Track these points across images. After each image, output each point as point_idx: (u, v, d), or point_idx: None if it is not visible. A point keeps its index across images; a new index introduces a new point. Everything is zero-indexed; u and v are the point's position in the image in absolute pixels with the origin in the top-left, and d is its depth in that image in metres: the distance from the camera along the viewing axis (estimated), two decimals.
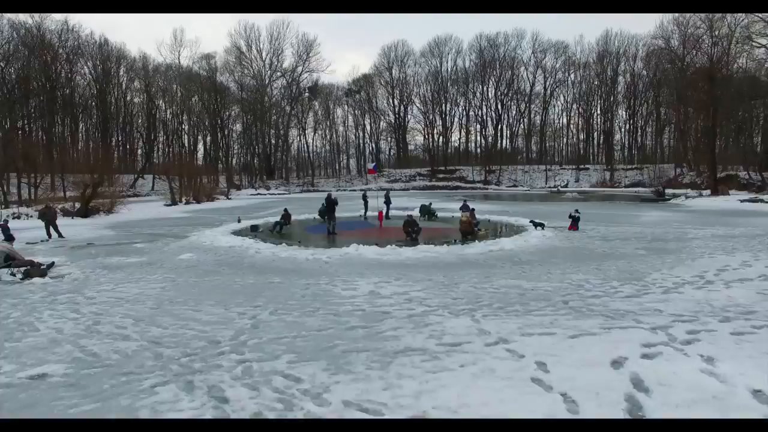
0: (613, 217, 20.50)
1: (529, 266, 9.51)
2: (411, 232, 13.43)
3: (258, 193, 53.94)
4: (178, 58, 57.15)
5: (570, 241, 13.08)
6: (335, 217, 16.44)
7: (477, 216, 18.13)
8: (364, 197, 22.29)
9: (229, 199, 44.06)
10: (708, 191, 33.42)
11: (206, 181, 45.09)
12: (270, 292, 7.48)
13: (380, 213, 17.97)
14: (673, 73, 57.98)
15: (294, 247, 12.20)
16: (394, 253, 10.82)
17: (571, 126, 75.64)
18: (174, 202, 33.67)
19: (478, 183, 67.08)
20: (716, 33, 46.96)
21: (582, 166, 67.92)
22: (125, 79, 63.03)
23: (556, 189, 57.32)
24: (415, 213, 20.43)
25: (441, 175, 69.33)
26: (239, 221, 18.93)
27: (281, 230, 17.72)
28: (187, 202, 35.18)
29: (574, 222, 15.79)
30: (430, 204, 21.81)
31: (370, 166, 20.36)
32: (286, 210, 19.26)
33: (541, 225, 15.13)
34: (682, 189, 41.44)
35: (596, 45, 68.72)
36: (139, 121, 65.91)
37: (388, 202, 20.98)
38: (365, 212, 21.92)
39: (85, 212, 23.72)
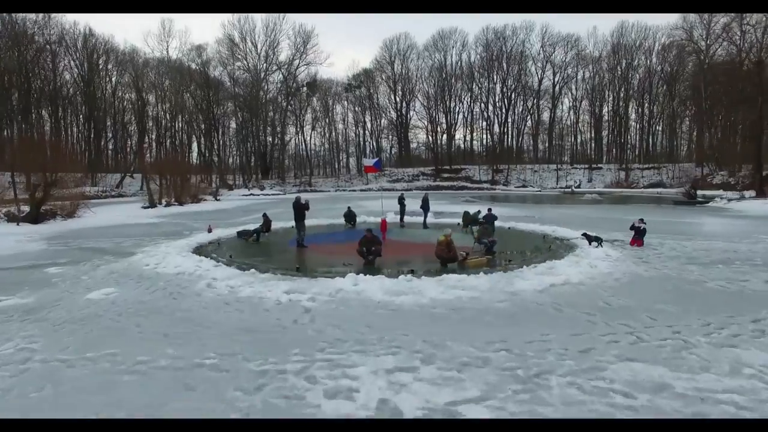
0: (669, 226, 16.86)
1: (629, 317, 5.91)
2: (368, 253, 10.04)
3: (251, 194, 50.33)
4: (167, 49, 53.57)
5: (652, 265, 9.46)
6: (304, 226, 13.39)
7: (497, 223, 14.96)
8: (401, 200, 18.75)
9: (218, 200, 40.46)
10: (750, 192, 29.79)
11: (198, 181, 41.43)
12: (178, 404, 3.85)
13: (383, 222, 14.23)
14: (695, 66, 54.54)
15: (265, 277, 8.58)
16: (411, 291, 7.21)
17: (581, 123, 72.04)
18: (152, 204, 30.07)
19: (485, 183, 63.48)
20: (746, 21, 43.40)
21: (594, 166, 64.31)
22: (115, 73, 59.48)
23: (569, 190, 53.70)
24: (442, 222, 16.92)
25: (446, 175, 65.71)
26: (210, 231, 15.31)
27: (258, 239, 14.45)
28: (168, 204, 31.57)
29: (639, 235, 12.17)
30: (478, 213, 16.51)
31: (369, 162, 16.25)
32: (265, 215, 15.75)
33: (598, 240, 11.51)
34: (713, 190, 37.84)
35: (610, 37, 65.18)
36: (129, 116, 62.32)
37: (426, 208, 17.38)
38: (401, 218, 18.49)
39: (35, 217, 20.09)
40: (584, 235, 11.88)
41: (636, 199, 37.49)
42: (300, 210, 13.28)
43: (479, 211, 16.50)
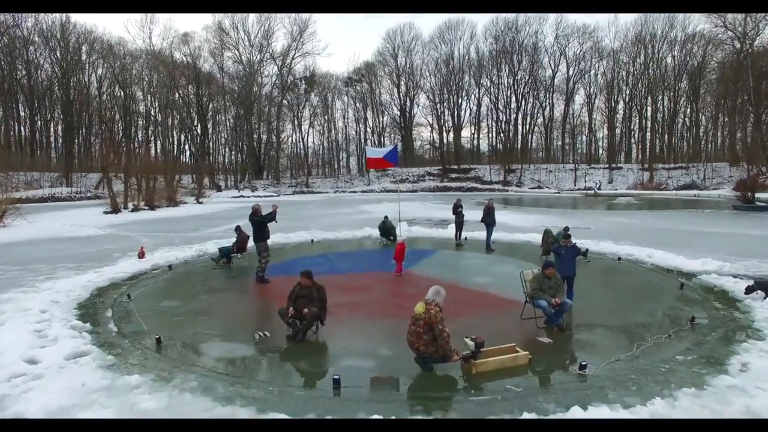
0: None
1: None
2: (291, 319, 5.75)
3: (240, 196, 45.65)
4: (149, 36, 48.77)
5: None
6: (267, 247, 9.04)
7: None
8: (456, 208, 13.71)
9: (200, 203, 35.74)
10: None
11: (176, 181, 36.78)
12: None
13: (399, 247, 9.25)
14: (730, 54, 49.83)
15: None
16: None
17: (598, 120, 67.25)
18: (115, 209, 25.35)
19: (497, 184, 58.71)
20: None
21: (614, 165, 59.52)
22: (100, 66, 54.70)
23: (592, 192, 48.90)
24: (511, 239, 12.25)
25: (454, 175, 60.97)
26: (141, 256, 10.39)
27: (230, 261, 10.39)
28: (136, 209, 26.87)
29: None
30: (567, 230, 10.35)
31: (378, 153, 10.16)
32: (239, 230, 11.03)
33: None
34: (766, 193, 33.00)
35: (632, 27, 60.40)
36: (113, 112, 57.62)
37: (491, 221, 12.31)
38: (459, 234, 13.60)
39: None
40: (755, 284, 7.02)
41: (675, 203, 32.75)
42: (259, 226, 8.70)
43: (566, 229, 10.37)
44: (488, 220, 12.21)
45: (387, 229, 13.43)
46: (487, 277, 8.78)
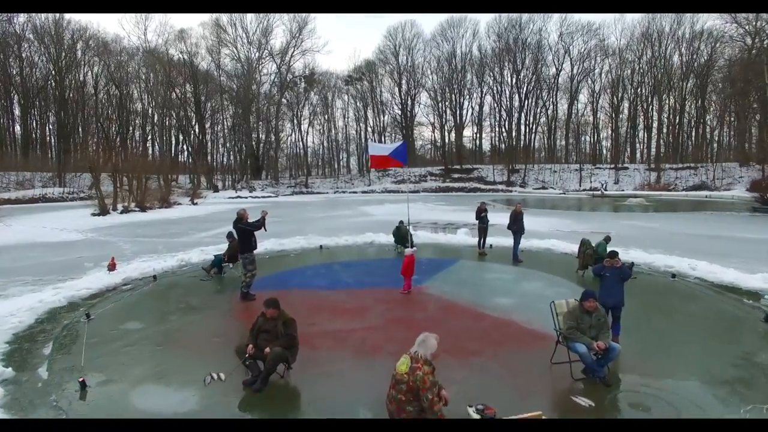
0: None
1: None
2: (246, 360, 4.53)
3: (238, 196, 44.33)
4: (144, 32, 47.48)
5: None
6: (254, 259, 7.78)
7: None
8: (480, 212, 12.03)
9: (195, 204, 34.47)
10: None
11: (169, 181, 35.57)
12: None
13: (407, 260, 7.81)
14: (741, 51, 48.49)
15: None
16: None
17: (602, 119, 65.95)
18: (103, 211, 24.06)
19: (500, 184, 57.40)
20: None
21: (620, 166, 58.23)
22: (96, 63, 53.36)
23: (599, 192, 47.61)
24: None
25: (456, 175, 59.66)
26: (112, 268, 8.95)
27: (221, 272, 9.21)
28: (126, 210, 25.59)
29: None
30: (607, 241, 9.15)
31: (383, 151, 8.25)
32: (231, 236, 9.68)
33: None
34: None
35: (638, 24, 59.10)
36: (109, 110, 56.31)
37: (519, 229, 10.60)
38: (482, 241, 11.87)
39: None
40: None
41: (688, 205, 31.47)
42: (245, 234, 7.46)
43: (607, 239, 9.04)
44: (516, 228, 10.62)
45: (402, 235, 11.95)
46: (513, 297, 7.46)
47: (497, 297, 7.43)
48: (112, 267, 8.58)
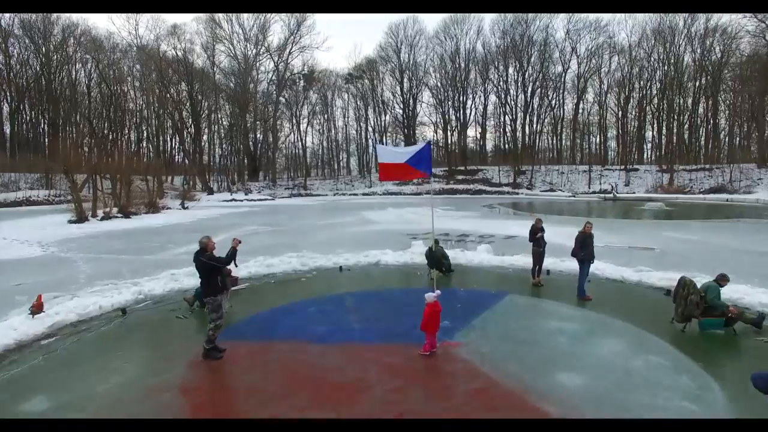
0: None
1: None
2: None
3: (232, 199, 42.30)
4: (135, 28, 45.36)
5: None
6: (219, 305, 5.74)
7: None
8: (536, 232, 9.28)
9: (185, 208, 32.42)
10: None
11: (155, 185, 33.59)
12: None
13: (429, 311, 5.50)
14: (762, 49, 46.46)
15: None
16: None
17: (609, 119, 63.87)
18: (81, 218, 22.00)
19: (506, 186, 55.34)
20: None
21: (631, 167, 56.15)
22: (89, 60, 51.27)
23: (611, 195, 45.57)
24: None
25: (460, 177, 57.63)
26: (37, 310, 6.67)
27: (203, 305, 6.76)
28: (107, 216, 23.52)
29: None
30: (721, 283, 6.60)
31: (396, 156, 6.03)
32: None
33: None
34: None
35: (649, 21, 57.01)
36: (97, 110, 54.23)
37: (588, 255, 8.15)
38: (537, 270, 9.23)
39: None
40: None
41: (713, 210, 29.43)
42: (208, 271, 5.45)
43: (721, 280, 6.54)
44: (584, 255, 8.01)
45: (436, 257, 9.67)
46: (583, 371, 5.08)
47: (560, 370, 5.11)
48: (36, 309, 6.51)
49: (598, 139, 65.38)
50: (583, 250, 7.97)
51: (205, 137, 57.52)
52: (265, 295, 8.53)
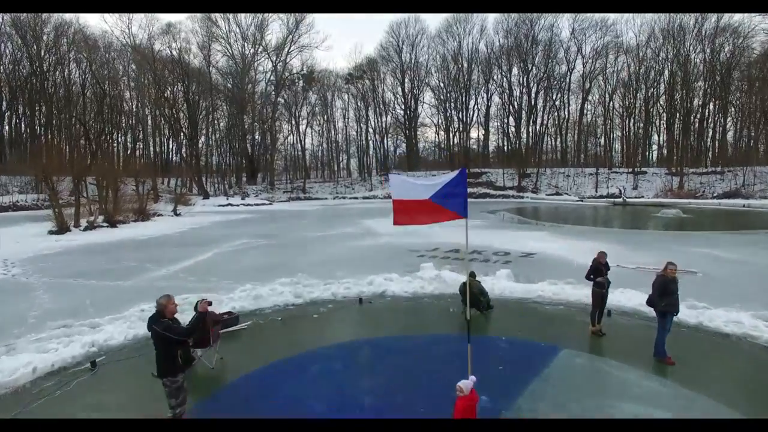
0: None
1: None
2: None
3: (228, 204, 40.76)
4: (128, 26, 43.84)
5: None
6: (181, 385, 4.20)
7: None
8: (599, 271, 7.23)
9: (178, 215, 30.88)
10: None
11: (144, 191, 32.12)
12: None
13: (461, 405, 3.87)
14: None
15: None
16: None
17: (615, 120, 62.37)
18: (61, 228, 20.47)
19: (510, 190, 53.82)
20: None
21: (639, 170, 54.63)
22: (83, 59, 49.73)
23: (620, 200, 44.04)
24: None
25: None
26: None
27: (188, 364, 4.61)
28: (91, 226, 21.99)
29: None
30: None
31: (418, 191, 4.54)
32: (199, 307, 5.02)
33: None
34: None
35: (657, 20, 55.50)
36: (93, 109, 52.72)
37: (671, 305, 6.01)
38: (598, 315, 7.17)
39: None
40: None
41: (734, 217, 27.94)
42: (166, 344, 3.91)
43: None
44: (666, 305, 6.02)
45: (474, 294, 7.65)
46: None
47: None
48: None
49: (603, 141, 63.89)
50: (665, 298, 6.03)
51: (202, 139, 56.03)
52: (243, 346, 6.96)
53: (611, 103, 60.65)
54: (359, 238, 18.40)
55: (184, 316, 5.61)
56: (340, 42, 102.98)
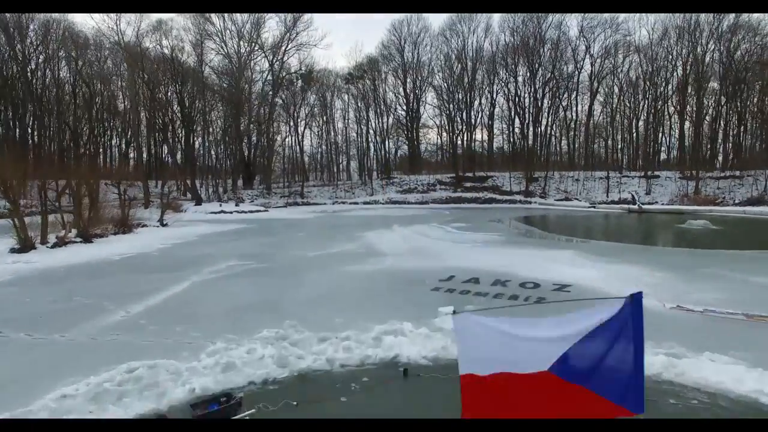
0: None
1: None
2: None
3: (221, 211, 38.49)
4: (117, 23, 41.69)
5: None
6: None
7: None
8: None
9: (164, 225, 28.63)
10: None
11: (124, 200, 29.90)
12: None
13: None
14: None
15: None
16: None
17: (627, 120, 60.17)
18: (24, 245, 18.18)
19: (517, 195, 51.63)
20: None
21: (651, 173, 52.41)
22: (70, 59, 47.47)
23: (636, 206, 41.82)
24: None
25: (468, 184, 53.86)
26: None
27: None
28: (62, 242, 19.71)
29: None
30: None
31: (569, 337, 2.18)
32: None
33: None
34: None
35: (672, 15, 53.28)
36: (73, 109, 50.46)
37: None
38: None
39: None
40: None
41: (765, 228, 25.71)
42: None
43: None
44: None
45: None
46: None
47: None
48: None
49: (611, 143, 61.71)
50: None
51: (198, 141, 53.71)
52: None
53: (621, 103, 58.49)
54: (360, 259, 16.12)
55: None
56: (339, 40, 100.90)
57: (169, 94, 49.79)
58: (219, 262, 15.63)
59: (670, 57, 55.26)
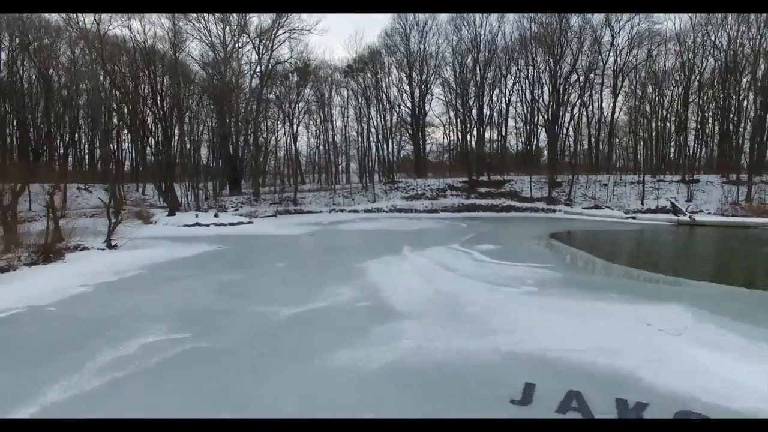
0: None
1: None
2: None
3: (196, 223, 32.42)
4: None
5: None
6: None
7: None
8: None
9: (112, 247, 22.53)
10: None
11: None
12: None
13: None
14: None
15: None
16: None
17: (659, 118, 54.11)
18: None
19: (539, 201, 45.58)
20: None
21: (690, 178, 46.37)
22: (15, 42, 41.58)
23: (687, 217, 35.76)
24: None
25: (483, 189, 47.83)
26: None
27: None
28: None
29: None
30: None
31: None
32: None
33: None
34: None
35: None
36: (37, 101, 44.56)
37: None
38: None
39: None
40: None
41: None
42: None
43: None
44: None
45: None
46: None
47: None
48: None
49: (644, 144, 55.59)
50: None
51: (176, 141, 47.66)
52: None
53: (656, 99, 52.33)
54: (359, 331, 9.88)
55: None
56: (337, 27, 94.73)
57: (143, 86, 43.82)
58: (138, 336, 9.40)
59: (704, 47, 49.20)
